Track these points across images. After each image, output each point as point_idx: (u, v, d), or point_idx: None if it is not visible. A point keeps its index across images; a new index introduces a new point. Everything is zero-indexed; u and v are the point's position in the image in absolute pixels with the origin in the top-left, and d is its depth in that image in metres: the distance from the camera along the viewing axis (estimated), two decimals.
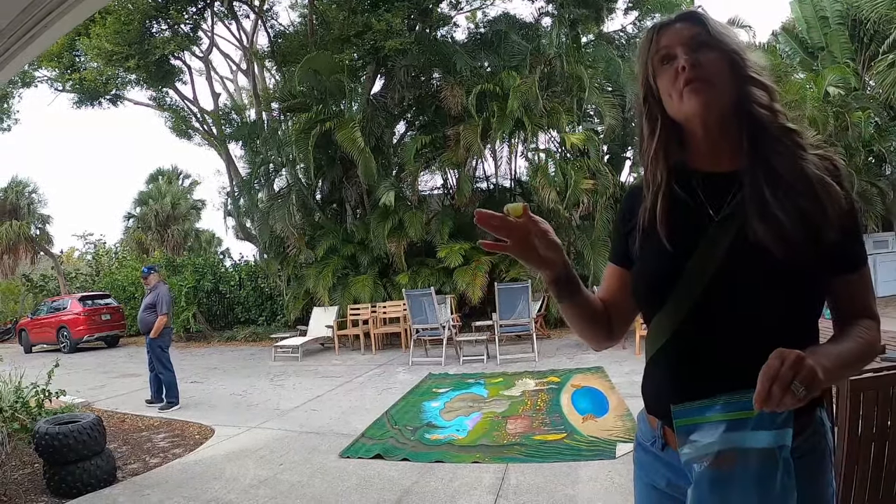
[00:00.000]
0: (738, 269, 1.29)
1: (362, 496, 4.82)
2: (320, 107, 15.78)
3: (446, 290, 14.47)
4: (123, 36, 16.68)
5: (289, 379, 10.83)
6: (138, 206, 33.21)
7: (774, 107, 1.34)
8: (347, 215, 17.58)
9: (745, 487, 1.21)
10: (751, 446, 1.21)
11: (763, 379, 1.08)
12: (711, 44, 1.34)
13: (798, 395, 1.06)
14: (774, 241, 1.25)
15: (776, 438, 1.19)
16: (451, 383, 9.24)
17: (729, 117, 1.35)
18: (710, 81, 1.31)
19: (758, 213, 1.28)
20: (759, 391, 1.08)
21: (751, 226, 1.28)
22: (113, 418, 8.24)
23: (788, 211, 1.26)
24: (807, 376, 1.07)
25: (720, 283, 1.30)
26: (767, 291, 1.27)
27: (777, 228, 1.25)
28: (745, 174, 1.33)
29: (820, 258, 1.26)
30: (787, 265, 1.24)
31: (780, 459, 1.19)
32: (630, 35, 18.43)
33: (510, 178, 17.26)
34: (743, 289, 1.28)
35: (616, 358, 9.88)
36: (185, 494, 5.12)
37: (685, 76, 1.32)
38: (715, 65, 1.32)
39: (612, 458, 5.28)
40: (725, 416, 1.23)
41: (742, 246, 1.29)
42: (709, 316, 1.32)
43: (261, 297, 19.70)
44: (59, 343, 18.83)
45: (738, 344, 1.28)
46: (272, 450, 6.33)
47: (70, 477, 5.16)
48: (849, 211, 1.31)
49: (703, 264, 1.32)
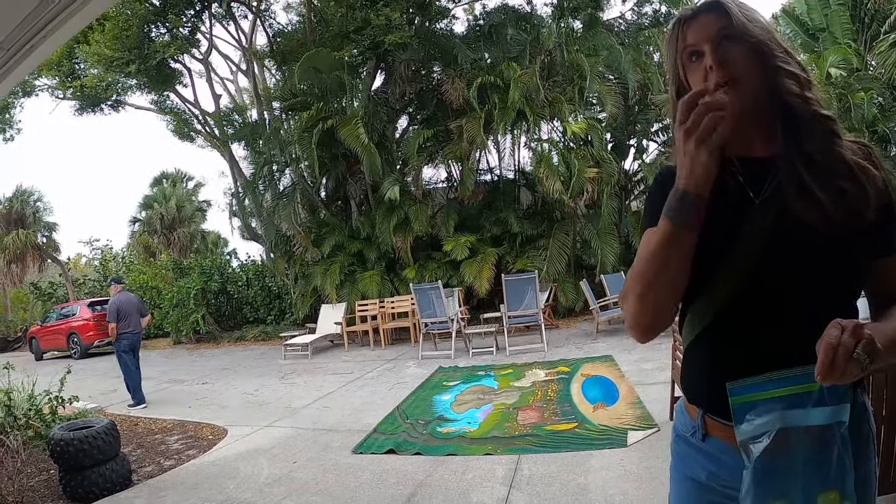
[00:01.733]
0: (783, 249, 1.29)
1: (376, 491, 4.85)
2: (321, 104, 15.76)
3: (453, 284, 14.51)
4: (122, 41, 16.66)
5: (299, 377, 10.88)
6: (143, 209, 33.26)
7: (806, 94, 1.32)
8: (353, 212, 17.58)
9: (804, 466, 1.20)
10: (814, 423, 1.19)
11: (826, 348, 1.06)
12: (737, 36, 1.31)
13: (862, 363, 1.05)
14: (817, 219, 1.24)
15: (834, 414, 1.18)
16: (461, 376, 9.27)
17: (761, 106, 1.34)
18: (739, 80, 1.29)
19: (798, 193, 1.27)
20: (823, 361, 1.06)
21: (793, 205, 1.27)
22: (126, 422, 8.30)
23: (828, 190, 1.25)
24: (869, 343, 1.06)
25: (765, 264, 1.29)
26: (813, 269, 1.27)
27: (818, 206, 1.24)
28: (781, 159, 1.32)
29: (859, 239, 1.26)
30: (830, 241, 1.24)
31: (838, 436, 1.18)
32: (629, 22, 18.37)
33: (514, 169, 17.22)
34: (788, 268, 1.28)
35: (625, 346, 9.88)
36: (201, 495, 5.16)
37: (714, 79, 1.30)
38: (743, 60, 1.30)
39: (624, 446, 5.29)
40: (785, 392, 1.21)
41: (784, 226, 1.29)
42: (755, 297, 1.31)
43: (269, 297, 19.74)
44: (70, 349, 18.93)
45: (785, 323, 1.28)
46: (285, 448, 6.36)
47: (86, 482, 5.21)
48: (888, 192, 1.30)
49: (748, 246, 1.31)
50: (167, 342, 20.06)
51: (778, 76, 1.31)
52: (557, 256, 14.27)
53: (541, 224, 15.24)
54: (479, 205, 16.14)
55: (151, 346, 20.06)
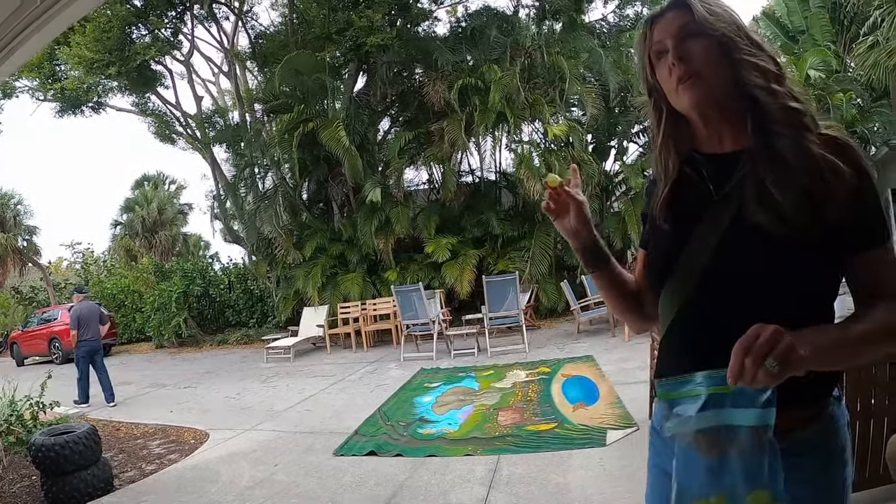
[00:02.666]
0: (736, 248, 1.29)
1: (357, 493, 4.89)
2: (303, 106, 15.75)
3: (435, 285, 14.54)
4: (103, 43, 16.56)
5: (281, 380, 10.87)
6: (125, 212, 33.04)
7: (772, 87, 1.30)
8: (334, 214, 17.57)
9: (728, 466, 1.20)
10: (735, 423, 1.18)
11: (736, 352, 1.07)
12: (700, 31, 1.31)
13: (771, 371, 1.04)
14: (771, 221, 1.23)
15: (760, 417, 1.16)
16: (442, 377, 9.31)
17: (728, 101, 1.34)
18: (701, 74, 1.31)
19: (755, 192, 1.27)
20: (732, 365, 1.07)
21: (748, 205, 1.27)
22: (108, 427, 8.27)
23: (787, 190, 1.24)
24: (783, 352, 1.04)
25: (719, 262, 1.30)
26: (764, 270, 1.26)
27: (774, 208, 1.23)
28: (745, 154, 1.32)
29: (828, 236, 1.24)
30: (785, 244, 1.23)
31: (766, 441, 1.16)
32: (611, 24, 18.47)
33: (495, 171, 17.28)
34: (740, 267, 1.29)
35: (606, 346, 9.98)
36: (183, 500, 5.17)
37: (676, 73, 1.33)
38: (704, 54, 1.31)
39: (603, 445, 5.35)
40: (705, 391, 1.21)
41: (740, 225, 1.28)
42: (708, 295, 1.32)
43: (251, 300, 19.68)
44: (52, 354, 18.74)
45: (735, 323, 1.19)
46: (267, 451, 6.39)
47: (68, 487, 5.21)
48: (860, 187, 1.25)
49: (703, 242, 1.33)
50: (149, 346, 19.94)
51: (743, 69, 1.30)
52: (540, 257, 14.33)
53: (522, 225, 15.28)
54: (460, 206, 16.15)
55: (133, 351, 19.99)
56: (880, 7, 14.26)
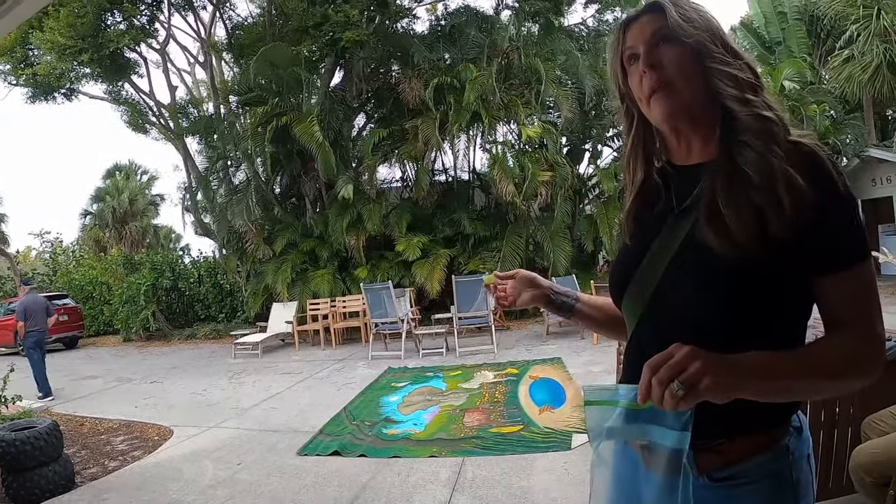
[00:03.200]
0: (682, 266, 1.23)
1: (319, 494, 4.88)
2: (277, 100, 15.68)
3: (405, 284, 14.57)
4: (77, 29, 16.29)
5: (249, 376, 10.82)
6: (95, 202, 32.61)
7: (745, 96, 1.23)
8: (307, 209, 17.48)
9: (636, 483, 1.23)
10: (652, 440, 1.15)
11: (644, 370, 1.04)
12: (672, 37, 1.26)
13: (676, 394, 0.99)
14: (716, 239, 1.16)
15: (675, 440, 1.09)
16: (410, 377, 9.33)
17: (701, 111, 1.28)
18: (672, 84, 1.25)
19: (706, 208, 1.20)
20: (641, 383, 1.04)
21: (699, 222, 1.21)
22: (72, 422, 8.17)
23: (737, 207, 1.15)
24: (691, 377, 1.00)
25: (667, 279, 1.25)
26: (707, 291, 1.19)
27: (721, 226, 1.16)
28: (709, 166, 1.26)
29: (786, 258, 1.14)
30: (732, 266, 1.15)
31: (682, 465, 1.11)
32: (590, 28, 18.56)
33: (468, 171, 17.33)
34: (686, 287, 1.22)
35: (575, 349, 10.06)
36: (144, 498, 5.13)
37: (648, 84, 1.27)
38: (677, 62, 1.25)
39: (568, 449, 5.40)
40: (624, 404, 1.16)
41: (692, 243, 1.22)
42: (657, 313, 1.29)
43: (221, 294, 19.54)
44: (17, 346, 18.43)
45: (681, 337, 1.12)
46: (230, 449, 6.35)
47: (28, 484, 5.15)
48: (823, 203, 1.14)
49: (655, 258, 1.29)
50: (117, 339, 19.70)
51: (716, 78, 1.23)
52: (511, 258, 14.38)
53: (494, 226, 15.34)
54: (432, 205, 16.17)
55: (100, 343, 19.75)
56: (857, 22, 14.53)
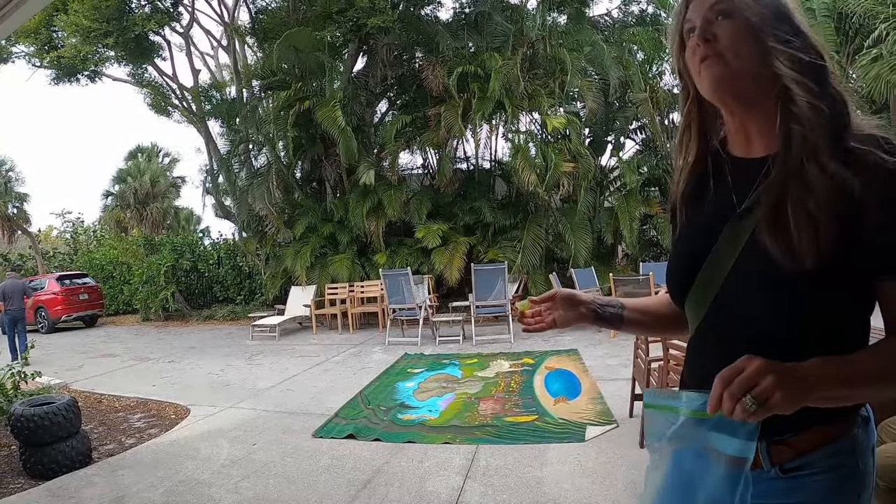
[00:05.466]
0: (747, 268, 1.20)
1: (333, 476, 4.89)
2: (300, 85, 15.68)
3: (424, 271, 14.57)
4: (101, 12, 16.40)
5: (266, 358, 10.88)
6: (117, 183, 32.86)
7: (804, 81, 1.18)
8: (327, 194, 17.49)
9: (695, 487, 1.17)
10: (715, 447, 1.13)
11: (716, 383, 1.02)
12: (731, 12, 1.21)
13: (749, 409, 0.98)
14: (777, 251, 1.13)
15: (740, 449, 1.09)
16: (426, 364, 9.33)
17: (752, 91, 1.22)
18: (722, 55, 1.20)
19: (766, 218, 1.16)
20: (712, 395, 1.02)
21: (761, 228, 1.17)
22: (90, 399, 8.25)
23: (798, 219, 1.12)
24: (763, 392, 0.98)
25: (732, 279, 1.22)
26: (770, 298, 1.17)
27: (782, 238, 1.13)
28: (770, 163, 1.21)
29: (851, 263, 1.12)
30: (791, 277, 1.12)
31: (743, 473, 1.10)
32: (615, 19, 18.39)
33: (490, 160, 17.28)
34: (751, 287, 1.20)
35: (592, 341, 9.99)
36: (160, 475, 5.16)
37: (699, 53, 1.23)
38: (731, 37, 1.20)
39: (582, 440, 5.35)
40: (688, 412, 1.16)
41: (753, 247, 1.19)
42: (716, 316, 1.27)
43: (239, 276, 19.68)
44: (37, 323, 18.68)
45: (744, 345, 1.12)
46: (246, 430, 6.38)
47: (46, 458, 5.19)
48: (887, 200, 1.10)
49: (720, 256, 1.24)
50: (136, 319, 19.94)
51: (776, 58, 1.18)
52: (531, 248, 14.33)
53: (515, 215, 15.27)
54: (453, 193, 16.11)
55: (119, 322, 19.99)
56: (886, 21, 14.29)
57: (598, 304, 1.57)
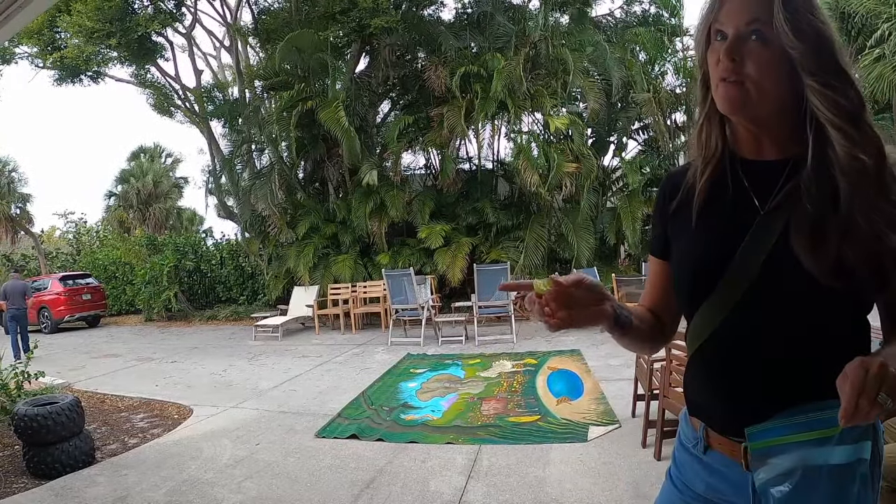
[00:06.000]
0: (781, 272, 1.17)
1: (336, 476, 4.89)
2: (303, 85, 15.68)
3: (426, 271, 14.57)
4: (104, 13, 16.39)
5: (268, 358, 10.88)
6: (120, 184, 32.94)
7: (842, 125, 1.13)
8: (329, 194, 17.49)
9: None
10: (828, 463, 1.14)
11: (850, 392, 0.97)
12: (770, 38, 1.14)
13: (886, 407, 0.96)
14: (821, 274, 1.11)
15: (855, 452, 1.13)
16: (428, 364, 9.33)
17: (772, 118, 1.21)
18: (744, 83, 1.16)
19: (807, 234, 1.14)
20: (846, 406, 0.97)
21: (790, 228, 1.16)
22: (93, 399, 8.27)
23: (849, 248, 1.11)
24: (894, 385, 0.96)
25: (763, 280, 1.19)
26: (810, 295, 1.15)
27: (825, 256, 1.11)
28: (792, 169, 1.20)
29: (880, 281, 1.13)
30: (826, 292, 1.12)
31: (858, 474, 1.13)
32: (617, 20, 18.39)
33: (493, 160, 17.27)
34: (786, 288, 1.17)
35: (594, 341, 9.98)
36: (163, 474, 5.16)
37: (721, 68, 1.18)
38: (761, 67, 1.15)
39: (585, 441, 5.35)
40: (806, 437, 1.16)
41: (786, 250, 1.16)
42: (753, 313, 1.22)
43: (242, 276, 19.69)
44: (40, 324, 18.72)
45: (782, 346, 1.19)
46: (249, 429, 6.38)
47: (49, 458, 5.20)
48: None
49: (750, 256, 1.21)
50: (138, 319, 19.97)
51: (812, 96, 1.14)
52: (533, 248, 14.33)
53: (517, 216, 15.26)
54: (455, 193, 16.10)
55: (122, 323, 20.01)
56: (888, 20, 14.27)
57: (615, 303, 1.32)
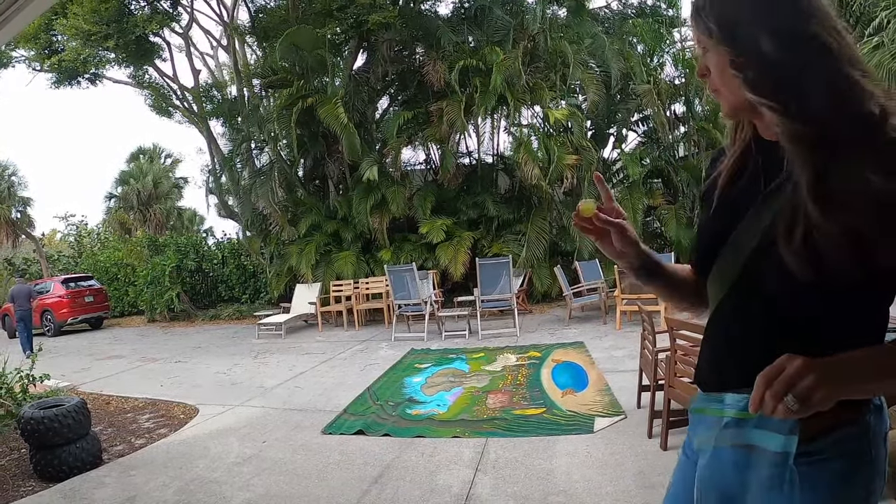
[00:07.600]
0: (769, 249, 1.15)
1: (344, 471, 4.90)
2: (302, 82, 15.66)
3: (428, 266, 14.57)
4: (101, 15, 16.41)
5: (272, 356, 10.89)
6: (120, 185, 32.99)
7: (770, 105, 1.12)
8: (330, 191, 17.50)
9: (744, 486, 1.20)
10: (758, 444, 1.18)
11: (758, 384, 1.03)
12: (708, 47, 1.21)
13: (791, 408, 0.99)
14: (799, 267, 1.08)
15: (784, 444, 1.13)
16: (432, 359, 9.32)
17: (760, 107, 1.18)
18: (719, 92, 1.22)
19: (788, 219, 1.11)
20: (754, 396, 1.03)
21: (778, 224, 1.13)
22: (98, 400, 8.26)
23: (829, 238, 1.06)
24: (804, 391, 0.99)
25: (753, 262, 1.20)
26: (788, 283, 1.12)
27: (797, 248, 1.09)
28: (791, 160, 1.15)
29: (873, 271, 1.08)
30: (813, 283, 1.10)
31: (787, 467, 1.14)
32: (615, 11, 18.36)
33: (493, 154, 17.26)
34: (771, 268, 1.15)
35: (597, 333, 9.99)
36: (171, 474, 5.17)
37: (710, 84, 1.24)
38: (718, 73, 1.20)
39: (591, 432, 5.36)
40: (733, 413, 1.20)
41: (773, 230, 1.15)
42: (742, 290, 1.24)
43: (244, 275, 19.72)
44: (44, 327, 18.73)
45: (761, 329, 1.20)
46: (256, 427, 6.39)
47: (56, 461, 5.19)
48: None
49: (742, 238, 1.23)
50: (141, 320, 20.00)
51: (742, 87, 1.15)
52: (535, 242, 14.30)
53: (518, 209, 15.27)
54: (456, 188, 16.10)
55: (125, 324, 20.02)
56: (887, 9, 14.21)
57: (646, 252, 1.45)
